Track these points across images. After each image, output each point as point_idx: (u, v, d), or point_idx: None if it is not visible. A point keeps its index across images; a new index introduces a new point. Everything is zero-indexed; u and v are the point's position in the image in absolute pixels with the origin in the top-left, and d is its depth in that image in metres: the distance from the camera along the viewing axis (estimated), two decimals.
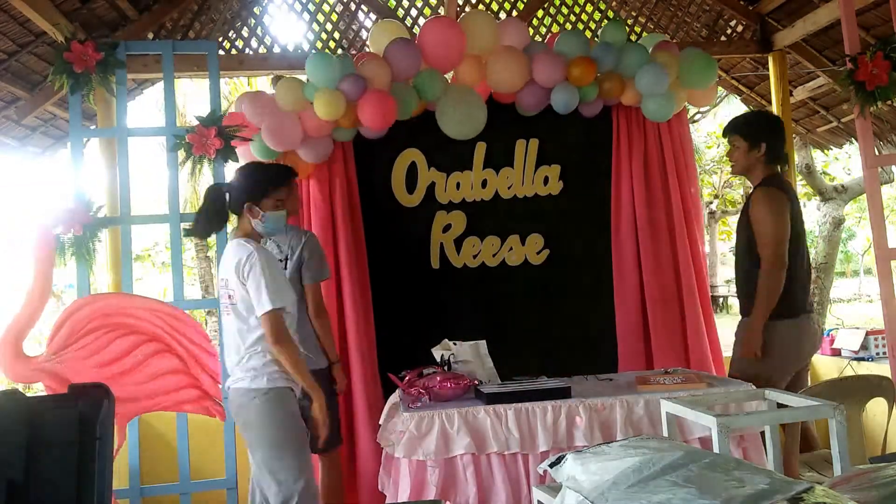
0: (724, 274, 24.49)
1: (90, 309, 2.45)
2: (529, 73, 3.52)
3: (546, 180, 3.89)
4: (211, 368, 2.59)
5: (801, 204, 3.77)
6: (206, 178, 13.60)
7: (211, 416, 2.62)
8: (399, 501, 2.56)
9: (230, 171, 2.99)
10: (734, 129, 3.09)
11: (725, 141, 3.17)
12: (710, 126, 17.51)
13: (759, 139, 3.00)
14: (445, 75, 3.54)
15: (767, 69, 4.48)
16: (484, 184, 3.85)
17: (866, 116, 3.20)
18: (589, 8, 4.48)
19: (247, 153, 3.42)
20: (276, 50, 4.05)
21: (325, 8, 4.26)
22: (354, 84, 3.26)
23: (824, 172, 9.65)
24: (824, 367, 3.69)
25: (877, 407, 2.75)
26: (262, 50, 4.07)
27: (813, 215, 8.29)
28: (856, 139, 4.59)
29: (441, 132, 3.56)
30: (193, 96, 14.09)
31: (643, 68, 3.57)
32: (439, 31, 3.45)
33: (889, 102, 3.59)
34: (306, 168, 3.56)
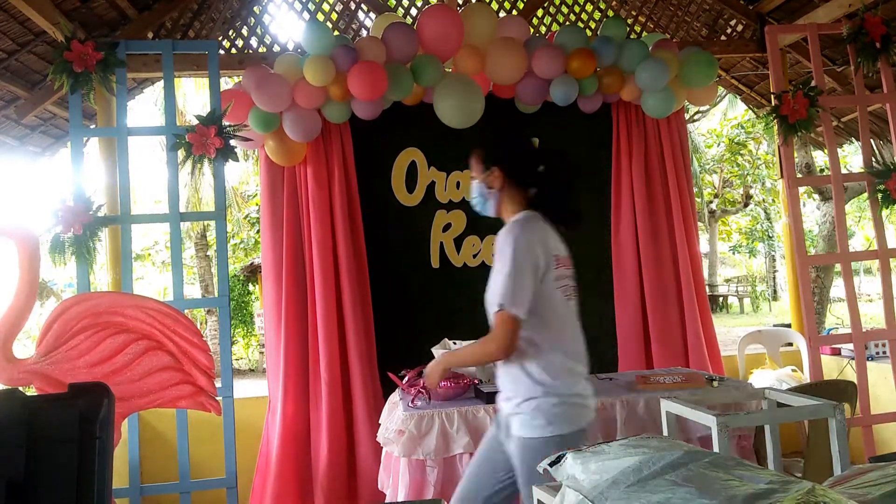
0: (724, 274, 24.52)
1: (79, 308, 2.43)
2: (528, 64, 3.52)
3: None
4: (203, 363, 2.57)
5: (801, 203, 3.81)
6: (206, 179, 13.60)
7: (206, 411, 2.61)
8: (399, 500, 2.56)
9: (230, 170, 2.99)
10: None
11: (726, 140, 3.20)
12: (710, 125, 17.52)
13: None
14: (444, 65, 3.53)
15: (767, 69, 4.48)
16: None
17: (790, 144, 3.66)
18: (589, 7, 4.48)
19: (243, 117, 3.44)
20: (276, 49, 4.05)
21: (325, 7, 4.25)
22: (346, 54, 3.26)
23: None
24: (825, 366, 3.69)
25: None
26: (262, 50, 4.07)
27: (813, 215, 8.29)
28: (856, 139, 4.59)
29: (441, 131, 3.56)
30: (193, 96, 14.08)
31: (643, 63, 3.57)
32: (438, 19, 3.45)
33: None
34: (298, 151, 3.57)
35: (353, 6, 4.24)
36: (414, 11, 4.29)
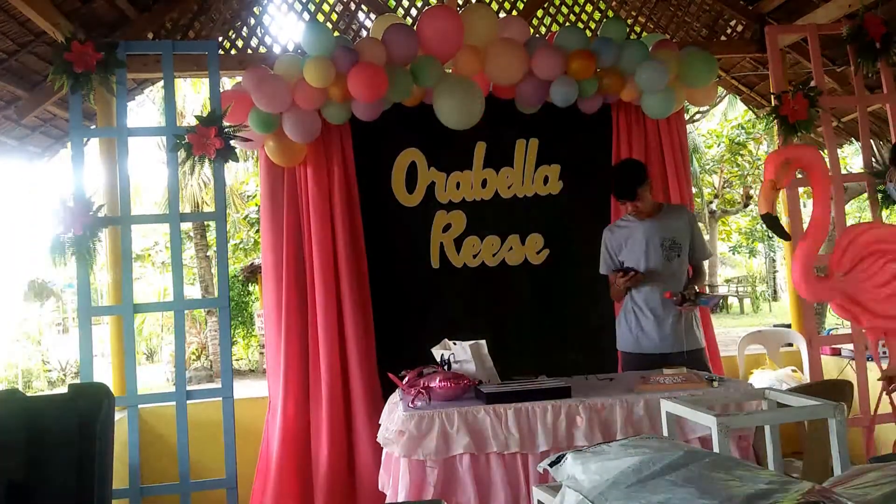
0: (724, 274, 24.50)
1: (867, 237, 2.65)
2: (528, 65, 3.51)
3: (546, 180, 3.89)
4: None
5: (802, 204, 3.81)
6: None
7: None
8: (399, 501, 2.56)
9: (230, 171, 2.98)
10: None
11: (726, 140, 3.21)
12: (710, 125, 17.53)
13: None
14: (444, 66, 3.53)
15: (767, 69, 4.48)
16: (484, 183, 3.85)
17: (790, 145, 3.62)
18: (589, 7, 4.48)
19: (243, 116, 3.43)
20: (276, 50, 4.05)
21: (325, 8, 4.25)
22: (346, 55, 3.25)
23: None
24: (825, 367, 3.69)
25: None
26: (262, 50, 4.07)
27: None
28: (856, 139, 4.59)
29: (441, 131, 3.55)
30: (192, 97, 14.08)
31: (643, 64, 3.57)
32: (438, 19, 3.44)
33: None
34: (298, 152, 3.57)
35: (353, 7, 4.24)
36: (414, 12, 4.29)
